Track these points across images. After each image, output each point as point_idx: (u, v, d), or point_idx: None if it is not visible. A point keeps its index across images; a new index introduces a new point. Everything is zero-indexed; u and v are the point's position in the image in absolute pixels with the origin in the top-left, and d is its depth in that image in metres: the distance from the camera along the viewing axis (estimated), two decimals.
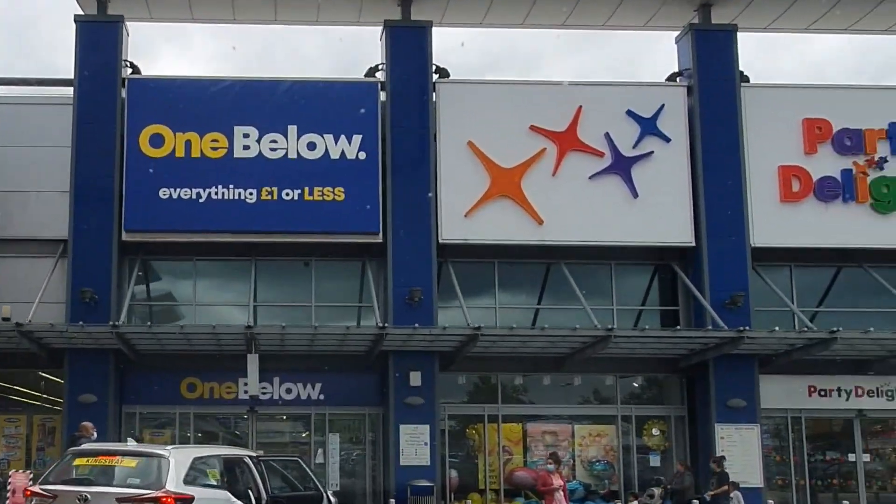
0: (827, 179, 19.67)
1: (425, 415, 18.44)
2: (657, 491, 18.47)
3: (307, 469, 12.91)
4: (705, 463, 18.52)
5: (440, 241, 18.86)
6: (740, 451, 19.06)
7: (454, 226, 18.86)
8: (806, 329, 18.36)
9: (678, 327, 18.59)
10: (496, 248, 19.25)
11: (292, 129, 18.63)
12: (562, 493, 16.12)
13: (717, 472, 17.88)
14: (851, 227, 19.68)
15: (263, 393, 18.57)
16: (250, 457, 11.81)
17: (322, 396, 19.18)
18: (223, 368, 18.70)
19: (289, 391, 19.21)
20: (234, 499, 10.63)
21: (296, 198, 18.53)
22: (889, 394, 20.42)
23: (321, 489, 12.37)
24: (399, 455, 18.33)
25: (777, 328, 17.96)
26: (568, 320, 18.13)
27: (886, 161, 19.89)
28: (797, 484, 20.25)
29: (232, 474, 11.22)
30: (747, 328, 17.75)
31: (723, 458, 18.23)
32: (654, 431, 20.27)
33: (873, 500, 20.51)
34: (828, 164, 19.75)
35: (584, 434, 20.20)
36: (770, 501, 18.59)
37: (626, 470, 19.88)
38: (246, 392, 18.15)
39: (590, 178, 19.20)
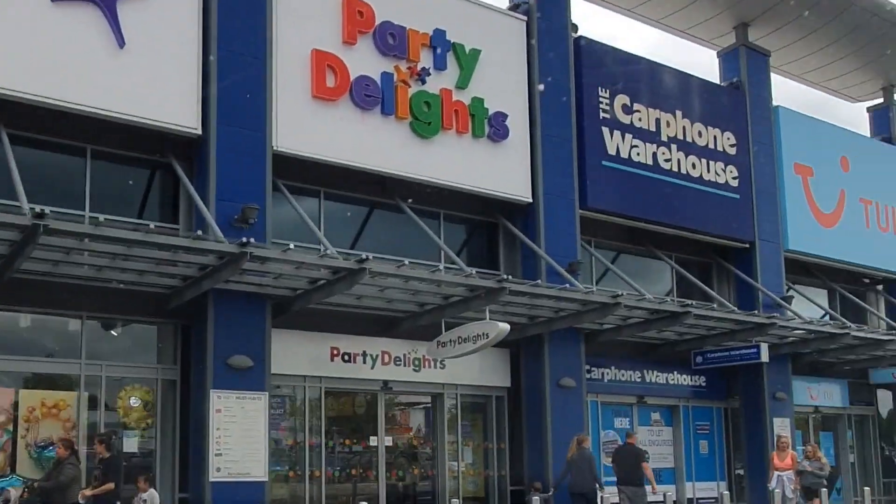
0: (365, 80, 15.81)
1: None
2: (14, 492, 12.37)
3: None
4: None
5: None
6: (241, 429, 13.92)
7: None
8: (329, 255, 13.92)
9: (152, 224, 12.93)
10: None
11: None
12: None
13: (103, 457, 12.23)
14: (390, 147, 16.05)
15: None
16: None
17: None
18: None
19: None
20: None
21: None
22: (416, 363, 16.99)
23: None
24: None
25: (292, 245, 13.33)
26: None
27: (429, 74, 16.69)
28: (311, 475, 15.68)
29: None
30: (252, 240, 12.66)
31: (113, 433, 12.96)
32: (133, 401, 14.14)
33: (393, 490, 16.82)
34: (367, 61, 15.92)
35: (33, 403, 13.31)
36: None
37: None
38: None
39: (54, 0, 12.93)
